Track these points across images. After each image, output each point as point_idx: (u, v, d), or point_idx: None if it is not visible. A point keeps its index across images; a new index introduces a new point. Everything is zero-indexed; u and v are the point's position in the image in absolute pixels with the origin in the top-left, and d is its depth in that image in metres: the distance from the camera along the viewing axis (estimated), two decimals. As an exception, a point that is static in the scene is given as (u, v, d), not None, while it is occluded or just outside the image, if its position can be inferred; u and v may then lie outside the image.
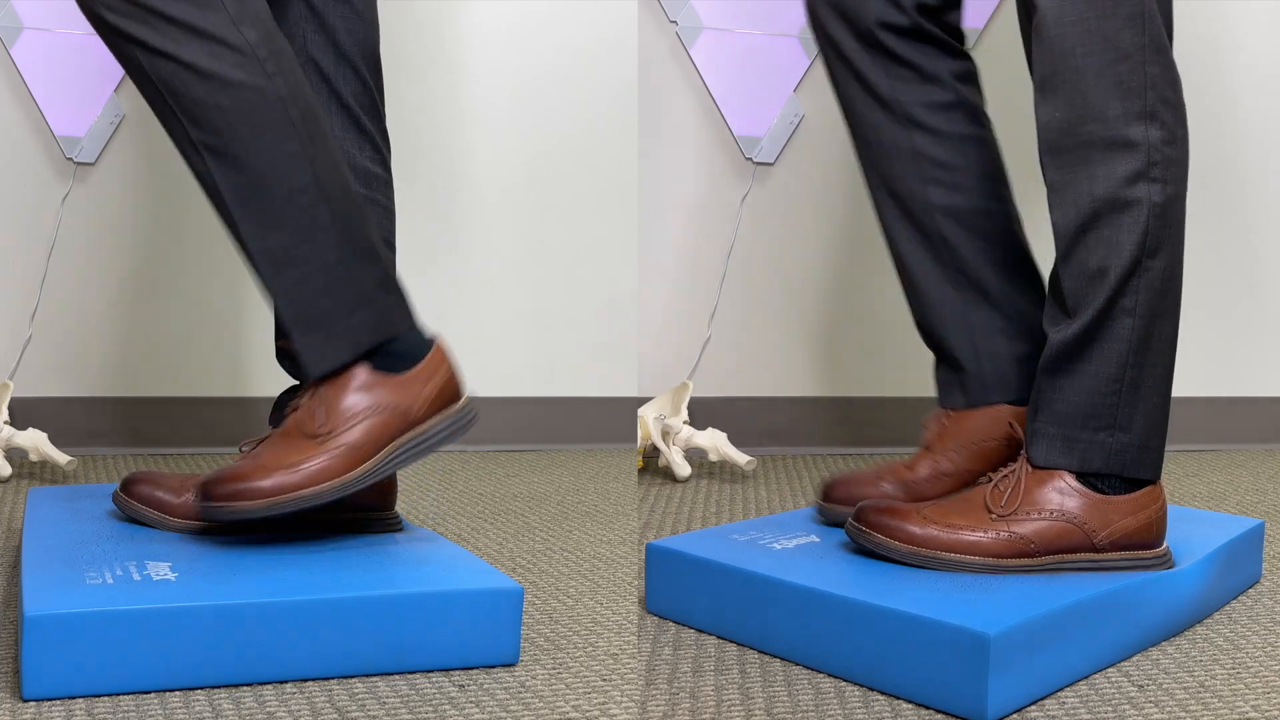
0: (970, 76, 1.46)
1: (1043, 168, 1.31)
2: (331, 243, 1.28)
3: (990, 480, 1.33)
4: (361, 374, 1.30)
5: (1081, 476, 1.31)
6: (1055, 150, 1.29)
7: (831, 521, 1.46)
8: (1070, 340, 1.30)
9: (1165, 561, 1.34)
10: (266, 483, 1.25)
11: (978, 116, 1.45)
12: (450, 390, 1.34)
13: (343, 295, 1.29)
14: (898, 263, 1.49)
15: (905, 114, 1.43)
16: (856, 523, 1.32)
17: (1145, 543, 1.32)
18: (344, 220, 1.28)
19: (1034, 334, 1.45)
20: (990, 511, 1.30)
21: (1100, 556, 1.30)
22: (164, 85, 1.23)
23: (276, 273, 1.27)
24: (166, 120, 1.26)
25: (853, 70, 1.44)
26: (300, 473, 1.25)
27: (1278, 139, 2.41)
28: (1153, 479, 1.33)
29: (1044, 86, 1.29)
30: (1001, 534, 1.28)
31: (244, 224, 1.27)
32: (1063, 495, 1.30)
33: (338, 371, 1.29)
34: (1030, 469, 1.32)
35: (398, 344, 1.32)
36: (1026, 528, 1.29)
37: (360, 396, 1.29)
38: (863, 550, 1.33)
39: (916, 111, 1.43)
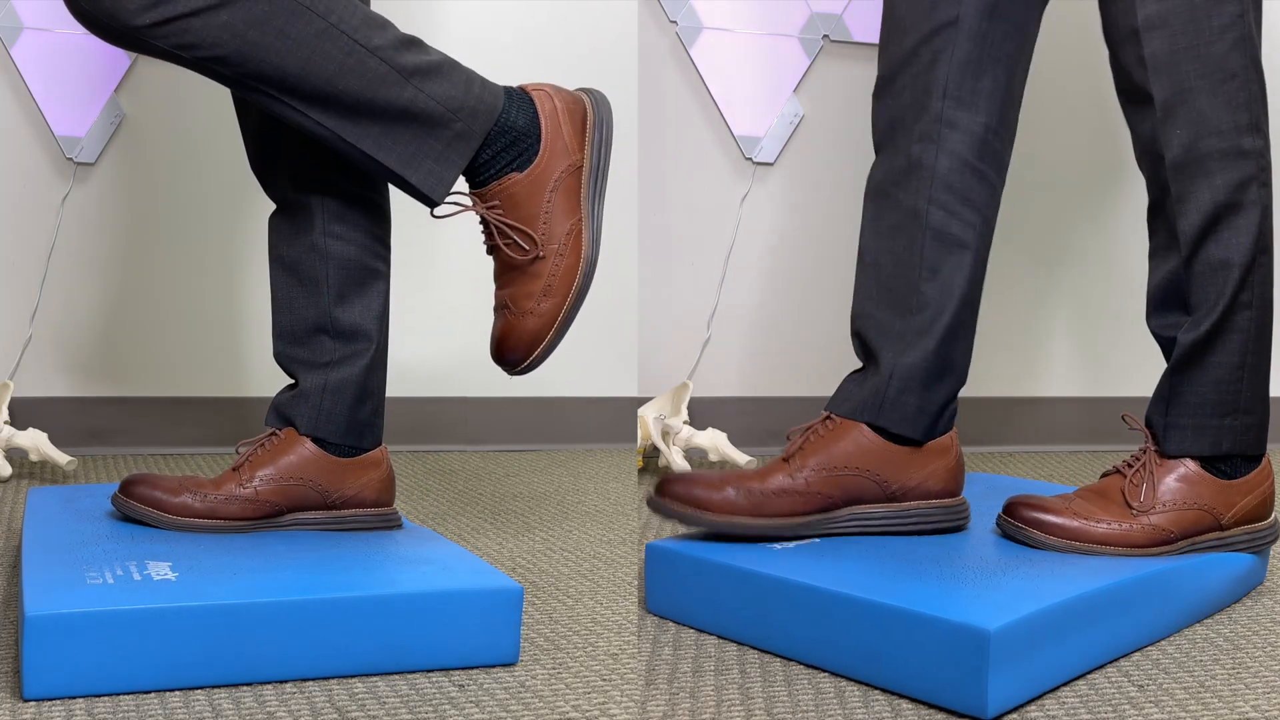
0: (1008, 129, 1.47)
1: (1166, 182, 1.41)
2: (396, 80, 1.29)
3: (1121, 474, 1.43)
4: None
5: (1206, 463, 1.42)
6: (1180, 165, 1.40)
7: (664, 515, 1.38)
8: (1201, 338, 1.41)
9: (1274, 532, 1.48)
10: None
11: (1001, 164, 1.46)
12: (579, 110, 1.40)
13: (432, 115, 1.31)
14: (870, 266, 1.46)
15: (944, 135, 1.42)
16: (1010, 519, 1.40)
17: (1260, 516, 1.46)
18: (395, 59, 1.29)
19: (953, 376, 1.43)
20: (1130, 507, 1.40)
21: (1226, 534, 1.43)
22: (184, 48, 1.24)
23: (364, 134, 1.30)
24: (218, 76, 1.27)
25: (925, 68, 1.43)
26: None
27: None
28: (1263, 452, 1.46)
29: (1164, 108, 1.39)
30: (1145, 526, 1.39)
31: (322, 117, 1.29)
32: (1193, 485, 1.41)
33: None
34: (1159, 461, 1.43)
35: (505, 123, 1.34)
36: (1165, 518, 1.40)
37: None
38: (1014, 540, 1.40)
39: (956, 138, 1.42)
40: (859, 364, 1.48)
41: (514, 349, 1.36)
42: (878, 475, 1.39)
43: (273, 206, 1.46)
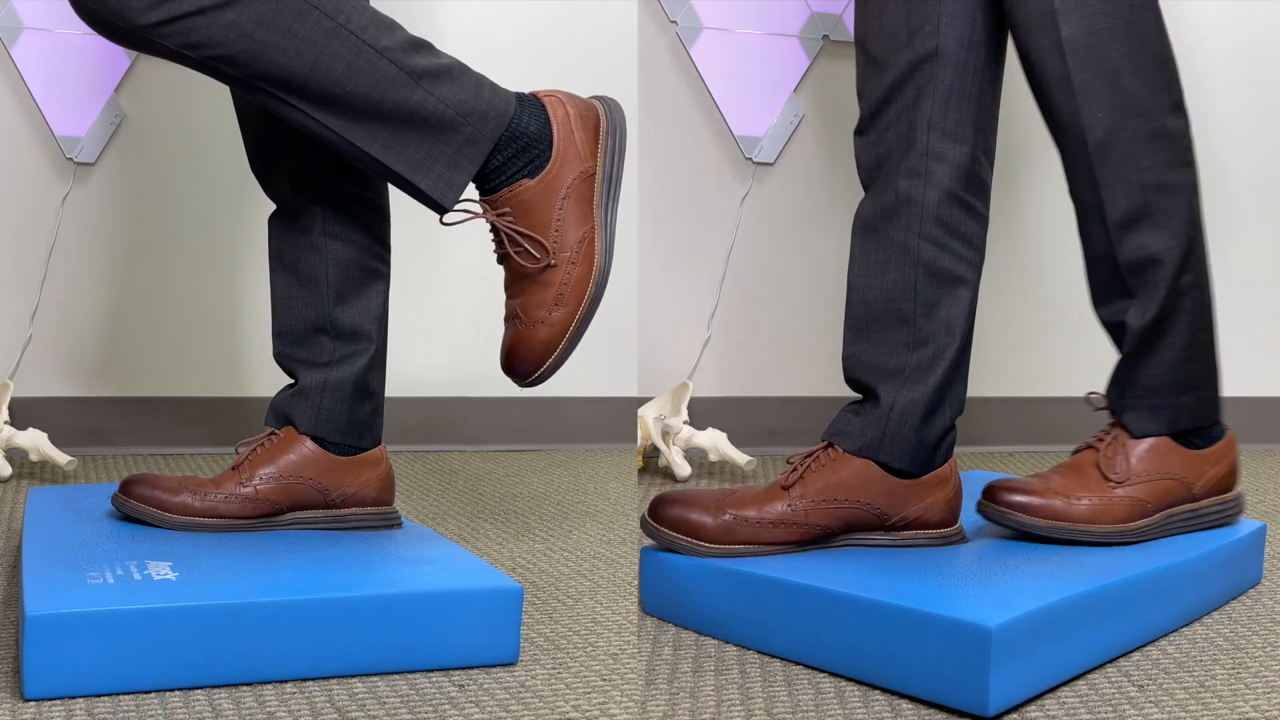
0: (990, 157, 1.47)
1: (1083, 169, 1.39)
2: (406, 82, 1.28)
3: (1094, 449, 1.44)
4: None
5: (1174, 435, 1.44)
6: (1104, 148, 1.39)
7: (658, 543, 1.37)
8: (1150, 323, 1.41)
9: (1239, 503, 1.50)
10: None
11: (987, 192, 1.45)
12: (591, 117, 1.36)
13: (443, 119, 1.29)
14: (858, 303, 1.44)
15: (931, 169, 1.40)
16: (992, 503, 1.40)
17: (1228, 487, 1.48)
18: (404, 60, 1.28)
19: (952, 408, 1.41)
20: (1108, 480, 1.41)
21: (1199, 505, 1.45)
22: (190, 47, 1.23)
23: (372, 138, 1.28)
24: (224, 77, 1.26)
25: (918, 108, 1.41)
26: None
27: (1276, 138, 2.41)
28: (1218, 420, 1.48)
29: (1084, 91, 1.37)
30: (1124, 499, 1.40)
31: (329, 119, 1.27)
32: (1164, 456, 1.44)
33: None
34: (1130, 436, 1.44)
35: (516, 129, 1.32)
36: (1141, 489, 1.42)
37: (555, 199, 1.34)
38: (997, 524, 1.41)
39: (943, 171, 1.40)
40: None
41: (525, 360, 1.34)
42: (878, 508, 1.38)
43: (273, 207, 1.46)
